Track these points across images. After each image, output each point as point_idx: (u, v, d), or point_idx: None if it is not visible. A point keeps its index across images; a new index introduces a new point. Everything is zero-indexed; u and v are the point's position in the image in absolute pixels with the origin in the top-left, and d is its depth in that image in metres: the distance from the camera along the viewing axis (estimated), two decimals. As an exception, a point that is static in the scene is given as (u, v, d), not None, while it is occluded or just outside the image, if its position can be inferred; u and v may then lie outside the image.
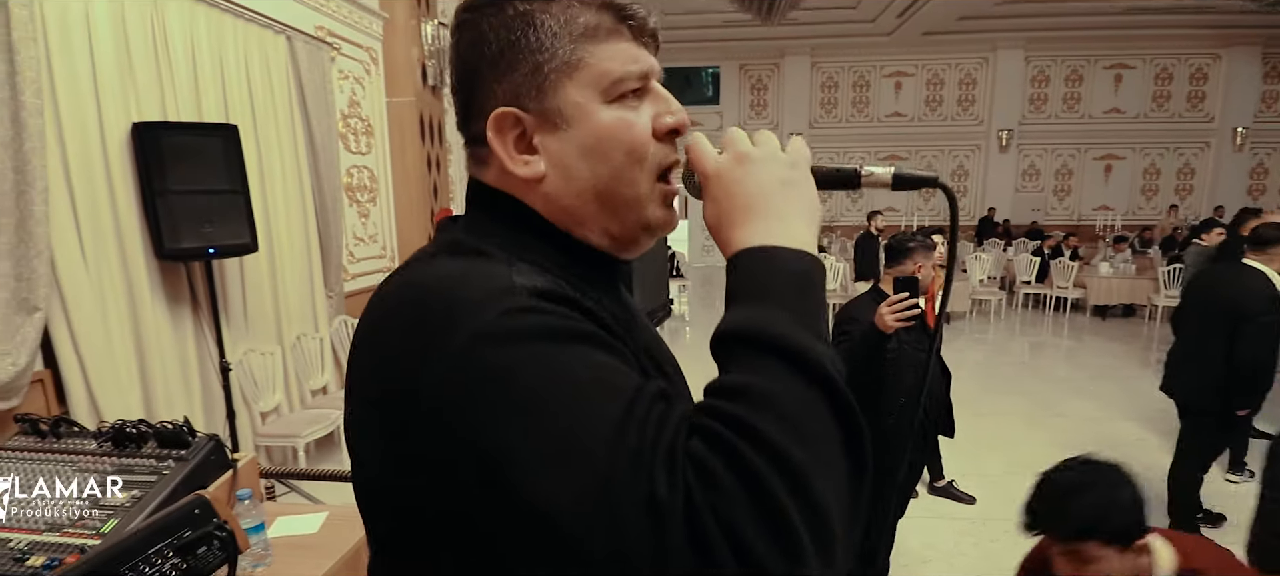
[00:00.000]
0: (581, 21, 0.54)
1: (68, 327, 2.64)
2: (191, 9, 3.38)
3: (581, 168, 0.54)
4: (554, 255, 0.55)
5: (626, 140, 0.54)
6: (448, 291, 0.46)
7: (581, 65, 0.53)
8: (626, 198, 0.56)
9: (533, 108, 0.54)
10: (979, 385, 5.77)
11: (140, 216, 3.03)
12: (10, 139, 2.38)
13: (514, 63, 0.54)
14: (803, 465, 0.37)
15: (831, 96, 13.58)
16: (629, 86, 0.54)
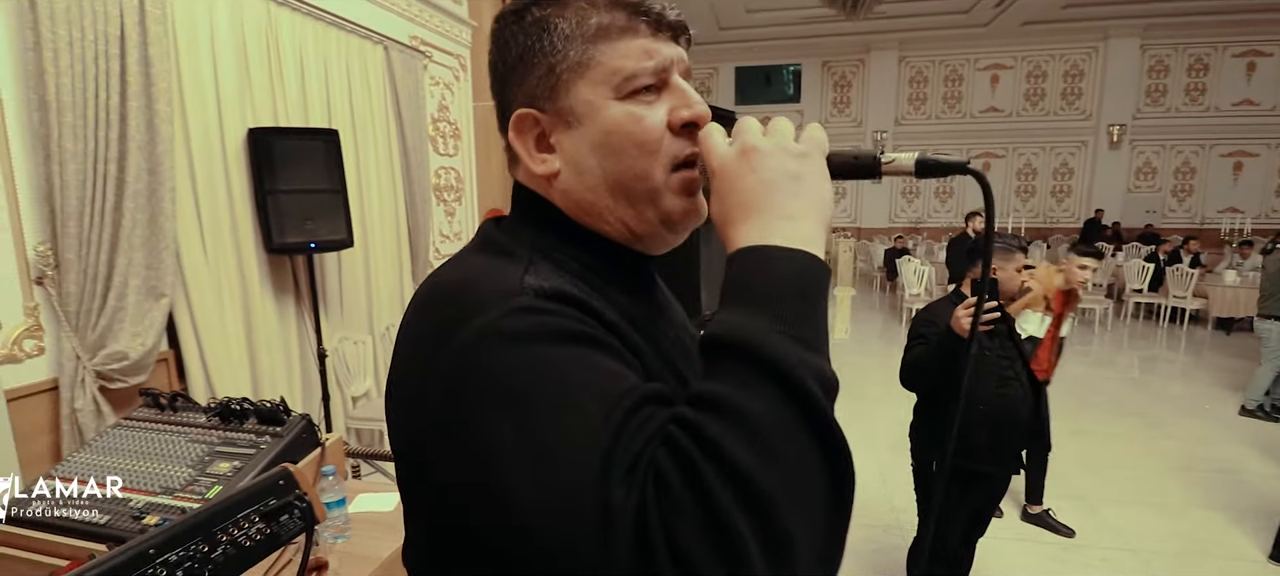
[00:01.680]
0: (593, 22, 0.55)
1: (189, 313, 2.93)
2: (301, 23, 3.66)
3: (592, 163, 0.56)
4: (575, 252, 0.57)
5: (636, 133, 0.55)
6: (461, 290, 0.50)
7: (593, 64, 0.55)
8: (640, 190, 0.56)
9: (548, 108, 0.56)
10: (1078, 401, 5.37)
11: (253, 213, 3.32)
12: (146, 143, 2.66)
13: (531, 66, 0.57)
14: (764, 484, 0.36)
15: (920, 92, 12.99)
16: (642, 82, 0.55)
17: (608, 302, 0.54)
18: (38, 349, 2.34)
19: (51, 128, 2.29)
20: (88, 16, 2.40)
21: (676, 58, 0.57)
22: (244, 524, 0.70)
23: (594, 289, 0.55)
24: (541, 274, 0.51)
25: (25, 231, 2.31)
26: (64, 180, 2.33)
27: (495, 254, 0.55)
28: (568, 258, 0.57)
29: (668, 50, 0.56)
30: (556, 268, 0.54)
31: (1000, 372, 2.10)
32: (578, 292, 0.50)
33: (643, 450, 0.39)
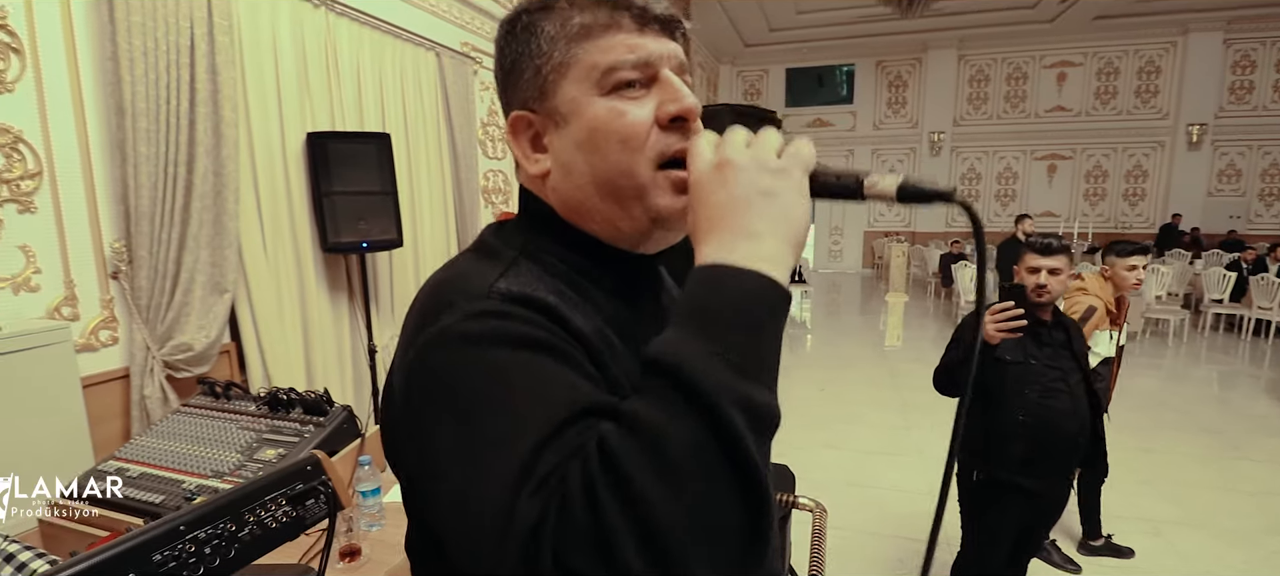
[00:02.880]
0: (576, 21, 0.55)
1: (249, 307, 3.09)
2: (358, 32, 3.81)
3: (578, 160, 0.56)
4: (564, 253, 0.58)
5: (618, 129, 0.54)
6: (437, 290, 0.52)
7: (575, 62, 0.55)
8: (626, 188, 0.55)
9: (538, 109, 0.58)
10: (1149, 417, 5.07)
11: (310, 214, 3.47)
12: (212, 147, 2.82)
13: (522, 70, 0.58)
14: (664, 516, 0.35)
15: (981, 91, 12.53)
16: (624, 76, 0.54)
17: (593, 307, 0.55)
18: (112, 339, 2.51)
19: (127, 132, 2.45)
20: (161, 28, 2.56)
21: (666, 53, 0.56)
22: (271, 506, 0.74)
23: (580, 292, 0.56)
24: (518, 277, 0.52)
25: (103, 229, 2.47)
26: (138, 181, 2.49)
27: (482, 256, 0.57)
28: (557, 259, 0.57)
29: (654, 44, 0.56)
30: (543, 271, 0.55)
31: (1046, 383, 1.99)
32: (548, 298, 0.50)
33: (560, 464, 0.39)
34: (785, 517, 2.29)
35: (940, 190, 0.50)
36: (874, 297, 10.93)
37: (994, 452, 2.04)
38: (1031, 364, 1.99)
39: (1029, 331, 1.99)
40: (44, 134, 2.29)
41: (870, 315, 9.52)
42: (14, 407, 2.00)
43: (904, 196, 0.50)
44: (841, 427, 4.79)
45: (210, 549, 0.65)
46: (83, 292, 2.42)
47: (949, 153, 12.78)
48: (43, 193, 2.29)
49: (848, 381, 6.07)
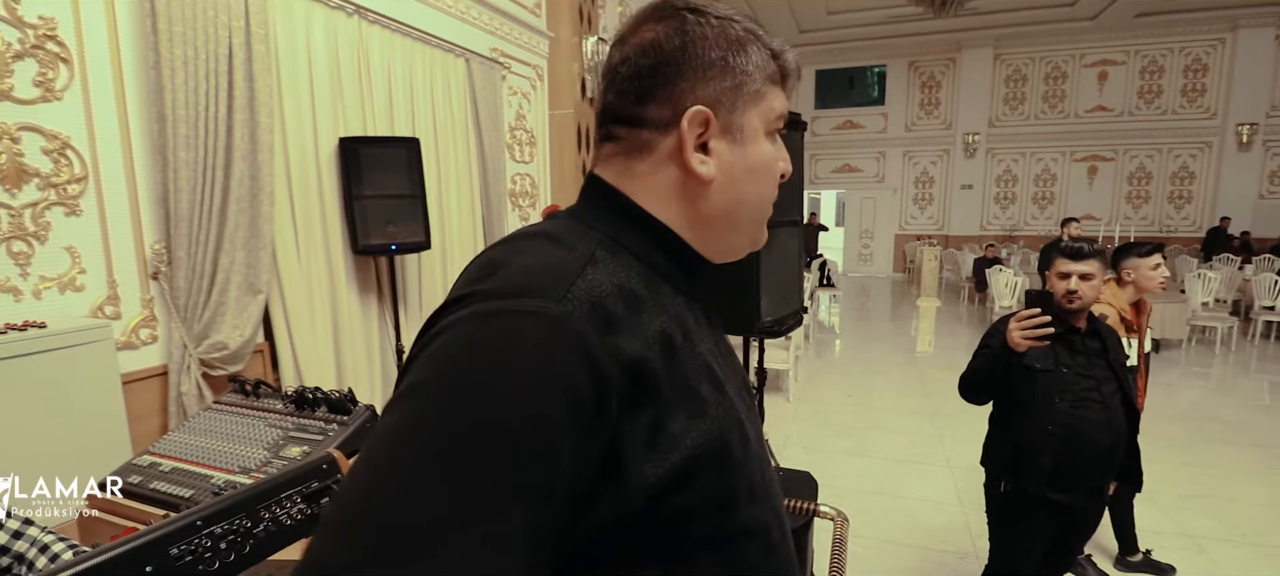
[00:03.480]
0: (771, 66, 0.63)
1: (282, 308, 3.17)
2: (389, 39, 3.90)
3: (745, 181, 0.63)
4: (645, 249, 0.60)
5: (774, 171, 0.65)
6: (509, 272, 0.51)
7: (764, 98, 0.63)
8: (758, 217, 0.66)
9: (723, 117, 0.61)
10: (1192, 428, 4.88)
11: (341, 217, 3.55)
12: (248, 152, 2.91)
13: (725, 73, 0.60)
14: None
15: (1017, 91, 12.23)
16: (778, 126, 0.65)
17: (660, 306, 0.56)
18: (151, 337, 2.60)
19: (168, 138, 2.54)
20: (201, 37, 2.65)
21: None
22: (286, 503, 0.76)
23: (651, 289, 0.57)
24: (593, 282, 0.51)
25: (144, 231, 2.57)
26: (177, 185, 2.58)
27: (553, 242, 0.56)
28: (635, 256, 0.59)
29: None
30: (618, 266, 0.55)
31: (1078, 392, 1.93)
32: (614, 319, 0.50)
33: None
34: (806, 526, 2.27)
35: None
36: (905, 302, 10.73)
37: (1022, 463, 1.98)
38: (1062, 372, 1.93)
39: (1061, 339, 1.93)
40: (90, 140, 2.39)
41: (901, 320, 9.35)
42: (58, 403, 2.08)
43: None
44: (868, 435, 4.72)
45: (226, 544, 0.67)
46: (124, 292, 2.51)
47: (984, 154, 12.50)
48: (88, 196, 2.39)
49: (876, 388, 5.97)
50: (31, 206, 2.23)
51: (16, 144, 2.18)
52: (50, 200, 2.28)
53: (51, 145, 2.27)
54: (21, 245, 2.21)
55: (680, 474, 0.50)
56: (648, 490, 0.48)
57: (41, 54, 2.24)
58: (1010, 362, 1.88)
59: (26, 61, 2.21)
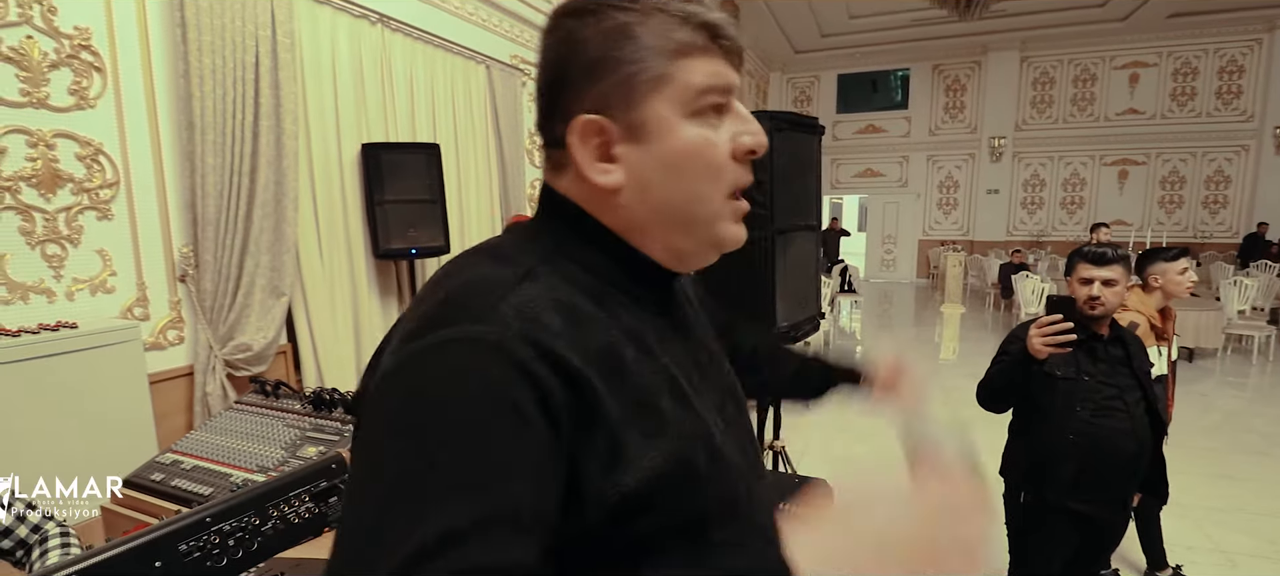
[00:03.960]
0: (677, 38, 0.54)
1: (305, 310, 3.23)
2: (412, 46, 3.96)
3: (660, 181, 0.55)
4: (591, 260, 0.56)
5: (706, 158, 0.55)
6: (448, 299, 0.49)
7: (671, 80, 0.54)
8: (700, 215, 0.56)
9: (619, 118, 0.54)
10: (1227, 440, 4.73)
11: (363, 221, 3.61)
12: (274, 158, 2.97)
13: (607, 72, 0.54)
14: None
15: (1045, 94, 12.01)
16: (712, 100, 0.55)
17: (611, 319, 0.53)
18: (178, 338, 2.67)
19: (196, 144, 2.61)
20: (229, 47, 2.72)
21: (737, 83, 0.58)
22: (294, 502, 0.77)
23: (600, 302, 0.53)
24: (524, 298, 0.49)
25: (172, 235, 2.64)
26: (205, 190, 2.65)
27: (496, 260, 0.53)
28: (581, 268, 0.55)
29: (733, 75, 0.57)
30: (561, 280, 0.52)
31: (1100, 400, 1.88)
32: (549, 331, 0.47)
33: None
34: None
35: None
36: (928, 309, 10.58)
37: (1042, 472, 1.94)
38: (1084, 380, 1.89)
39: (1083, 346, 1.89)
40: (122, 146, 2.46)
41: (924, 327, 9.22)
42: (88, 401, 2.15)
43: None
44: (889, 442, 4.64)
45: (233, 541, 0.68)
46: (153, 294, 2.58)
47: (1010, 158, 12.29)
48: (119, 201, 2.46)
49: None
50: (65, 210, 2.30)
51: (52, 150, 2.26)
52: (83, 205, 2.35)
53: (85, 151, 2.35)
54: (55, 248, 2.28)
55: (640, 496, 0.47)
56: (610, 512, 0.46)
57: (76, 63, 2.32)
58: (1030, 370, 1.84)
59: (62, 70, 2.28)
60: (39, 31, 2.22)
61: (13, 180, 2.16)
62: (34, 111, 2.21)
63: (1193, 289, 2.51)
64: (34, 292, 2.22)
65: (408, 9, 3.84)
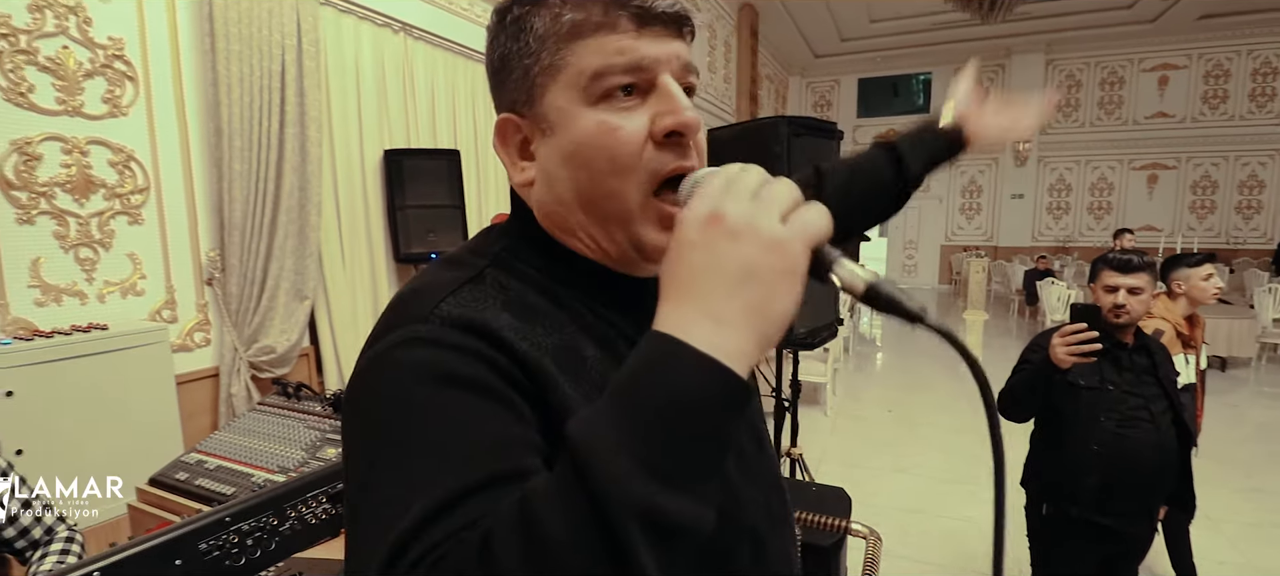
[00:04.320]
0: (567, 19, 0.50)
1: (327, 313, 3.29)
2: (432, 54, 4.01)
3: (562, 175, 0.52)
4: (543, 261, 0.55)
5: (607, 146, 0.49)
6: (395, 306, 0.50)
7: (564, 66, 0.50)
8: (611, 211, 0.51)
9: (527, 113, 0.53)
10: (1261, 452, 4.60)
11: (385, 226, 3.67)
12: (299, 164, 3.03)
13: (510, 69, 0.53)
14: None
15: (1072, 98, 11.80)
16: (613, 82, 0.49)
17: (567, 316, 0.51)
18: (205, 340, 2.73)
19: (224, 151, 2.67)
20: (256, 55, 2.78)
21: (666, 54, 0.50)
22: (312, 503, 0.79)
23: (554, 300, 0.52)
24: (468, 295, 0.49)
25: (200, 239, 2.70)
26: (232, 195, 2.71)
27: (452, 266, 0.53)
28: (533, 268, 0.54)
29: (652, 47, 0.50)
30: (514, 279, 0.52)
31: (1125, 410, 1.84)
32: (493, 320, 0.46)
33: (444, 541, 0.36)
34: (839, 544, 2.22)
35: (909, 310, 0.42)
36: (951, 315, 10.44)
37: (1066, 485, 1.91)
38: (1108, 389, 1.85)
39: (1107, 354, 1.85)
40: (152, 153, 2.53)
41: (946, 333, 9.09)
42: (117, 400, 2.20)
43: (872, 299, 0.42)
44: (910, 453, 4.59)
45: (252, 541, 0.70)
46: (181, 297, 2.65)
47: (1036, 163, 12.09)
48: (149, 206, 2.53)
49: (919, 404, 5.81)
50: (98, 215, 2.37)
51: (86, 157, 2.33)
52: (115, 209, 2.42)
53: (117, 158, 2.42)
54: (88, 252, 2.35)
55: None
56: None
57: (110, 72, 2.39)
58: (1052, 379, 1.81)
59: (96, 80, 2.35)
60: (74, 42, 2.29)
61: (48, 186, 2.23)
62: (69, 119, 2.28)
63: (1219, 295, 2.45)
64: (67, 295, 2.29)
65: (430, 17, 3.90)
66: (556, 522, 0.34)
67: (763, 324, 0.39)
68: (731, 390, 0.37)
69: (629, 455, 0.35)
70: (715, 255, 0.39)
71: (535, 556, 0.33)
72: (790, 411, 3.06)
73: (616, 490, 0.34)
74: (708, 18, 8.14)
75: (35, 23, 2.18)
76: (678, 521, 0.35)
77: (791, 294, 0.40)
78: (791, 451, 3.06)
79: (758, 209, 0.40)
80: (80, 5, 2.29)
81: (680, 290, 0.40)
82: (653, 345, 0.39)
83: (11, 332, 2.11)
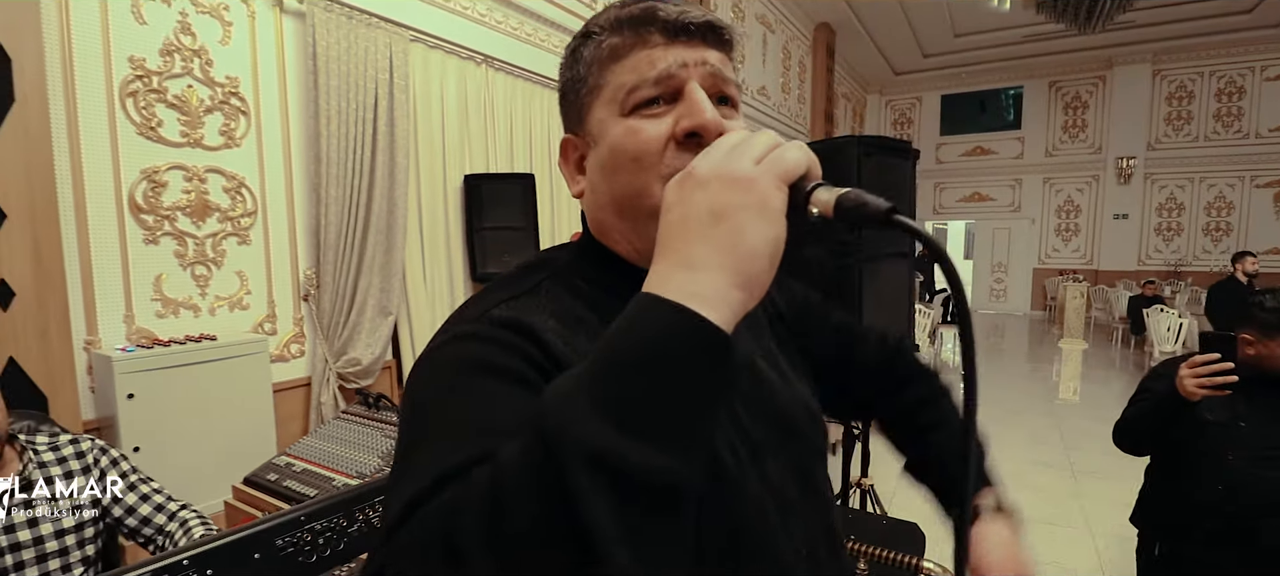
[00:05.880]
0: (607, 45, 0.56)
1: (409, 329, 3.47)
2: (511, 83, 4.20)
3: (601, 181, 0.57)
4: (596, 273, 0.60)
5: (630, 147, 0.53)
6: (456, 310, 0.57)
7: (604, 86, 0.56)
8: (639, 207, 0.54)
9: (580, 132, 0.59)
10: None
11: (464, 247, 3.85)
12: (387, 189, 3.24)
13: (567, 95, 0.60)
14: (477, 566, 0.33)
15: (1182, 110, 10.90)
16: (643, 93, 0.53)
17: (604, 326, 0.51)
18: (299, 352, 2.94)
19: (322, 177, 2.90)
20: (352, 89, 3.01)
21: (693, 62, 0.54)
22: (379, 507, 0.84)
23: (602, 314, 0.55)
24: (521, 304, 0.53)
25: (299, 258, 2.93)
26: (327, 219, 2.92)
27: (515, 277, 0.59)
28: (585, 281, 0.59)
29: (680, 54, 0.54)
30: (565, 292, 0.57)
31: (1258, 450, 1.67)
32: (538, 323, 0.51)
33: (452, 498, 0.37)
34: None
35: (877, 208, 0.41)
36: (1046, 343, 9.77)
37: (1184, 525, 1.75)
38: (1240, 426, 1.69)
39: (1241, 388, 1.69)
40: (260, 179, 2.77)
41: (1040, 363, 8.51)
42: (221, 404, 2.41)
43: (841, 213, 0.42)
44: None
45: (323, 540, 0.76)
46: (280, 311, 2.87)
47: (1141, 180, 11.20)
48: (256, 228, 2.77)
49: (1007, 437, 5.46)
50: (212, 236, 2.62)
51: (204, 184, 2.58)
52: (227, 231, 2.66)
53: (230, 184, 2.67)
54: (203, 269, 2.59)
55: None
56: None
57: (226, 107, 2.65)
58: (1178, 412, 1.67)
59: (215, 114, 2.61)
60: (197, 81, 2.55)
61: (171, 210, 2.49)
62: (191, 150, 2.54)
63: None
64: (183, 308, 2.54)
65: (509, 48, 4.09)
66: (515, 468, 0.34)
67: (735, 260, 0.39)
68: (699, 336, 0.36)
69: (586, 398, 0.35)
70: (687, 207, 0.41)
71: (495, 498, 0.34)
72: (861, 439, 2.96)
73: (567, 425, 0.34)
74: (782, 38, 8.10)
75: (165, 65, 2.45)
76: (634, 470, 0.33)
77: (764, 227, 0.40)
78: (862, 482, 2.95)
79: (728, 157, 0.42)
80: (203, 48, 2.56)
81: (661, 248, 0.42)
82: (634, 303, 0.39)
83: (135, 341, 2.36)
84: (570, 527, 0.32)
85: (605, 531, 0.32)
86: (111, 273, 2.33)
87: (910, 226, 0.41)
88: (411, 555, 0.36)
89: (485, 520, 0.34)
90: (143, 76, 2.39)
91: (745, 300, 0.39)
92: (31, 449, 1.27)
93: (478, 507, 0.34)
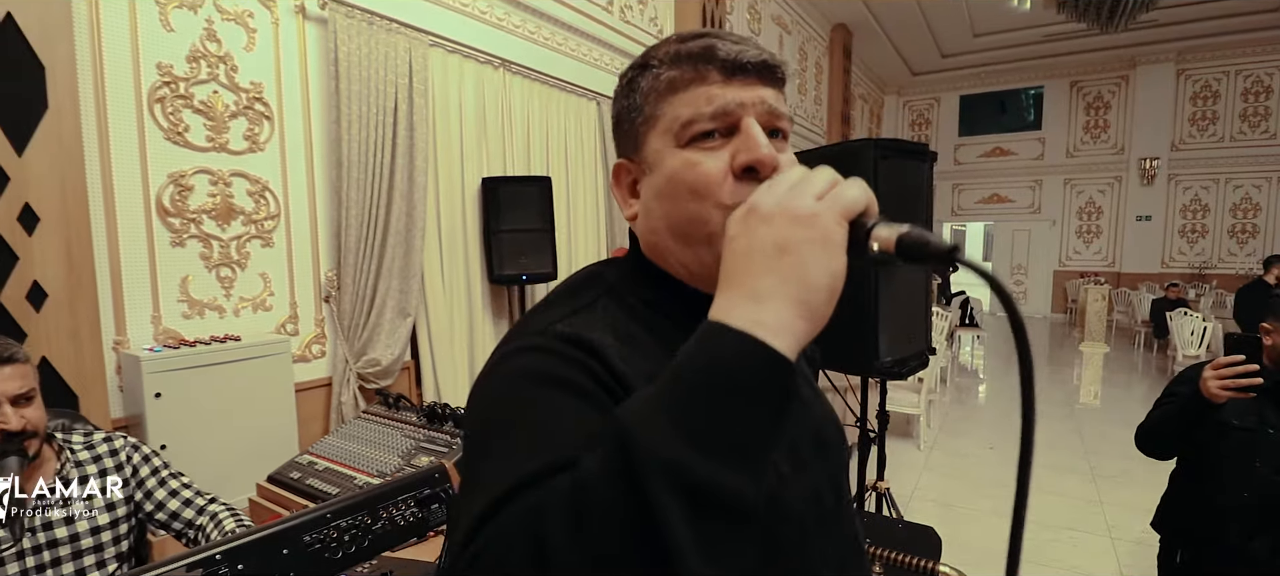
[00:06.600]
0: (665, 77, 0.58)
1: (427, 330, 3.51)
2: (529, 87, 4.24)
3: (656, 207, 0.60)
4: (648, 292, 0.62)
5: (689, 180, 0.56)
6: (520, 322, 0.60)
7: (661, 117, 0.58)
8: (698, 234, 0.57)
9: (635, 158, 0.62)
10: None
11: (481, 249, 3.88)
12: (406, 192, 3.28)
13: (623, 123, 0.63)
14: (561, 569, 0.36)
15: (1207, 110, 10.70)
16: (700, 127, 0.56)
17: (666, 348, 0.54)
18: (320, 352, 3.00)
19: (342, 182, 2.95)
20: (373, 94, 3.06)
21: (750, 100, 0.57)
22: (401, 505, 0.87)
23: (656, 333, 0.58)
24: (582, 319, 0.56)
25: (320, 261, 2.98)
26: (348, 222, 2.97)
27: (572, 292, 0.61)
28: (640, 300, 0.61)
29: (737, 93, 0.56)
30: (620, 310, 0.59)
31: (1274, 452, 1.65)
32: (600, 339, 0.53)
33: (528, 506, 0.40)
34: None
35: (940, 248, 0.44)
36: (1066, 347, 9.63)
37: (1206, 532, 1.73)
38: (1268, 432, 1.67)
39: (1268, 392, 1.67)
40: (283, 183, 2.83)
41: (1060, 367, 8.40)
42: (245, 403, 2.46)
43: (903, 251, 0.44)
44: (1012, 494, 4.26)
45: (349, 537, 0.78)
46: (302, 312, 2.93)
47: (1165, 181, 11.01)
48: (279, 230, 2.82)
49: (1025, 440, 5.39)
50: (236, 239, 2.67)
51: (228, 188, 2.64)
52: (251, 234, 2.72)
53: (254, 188, 2.72)
54: (227, 271, 2.65)
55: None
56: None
57: (251, 113, 2.70)
58: (1202, 415, 1.66)
59: (240, 119, 2.67)
60: (223, 87, 2.61)
61: (197, 213, 2.55)
62: (216, 154, 2.60)
63: None
64: (208, 309, 2.59)
65: (527, 53, 4.13)
66: (597, 476, 0.37)
67: (799, 291, 0.41)
68: (768, 363, 0.39)
69: (665, 416, 0.37)
70: (752, 239, 0.44)
71: (579, 503, 0.36)
72: (877, 442, 2.94)
73: (647, 441, 0.36)
74: (799, 40, 8.08)
75: (192, 71, 2.51)
76: (721, 493, 0.36)
77: (827, 261, 0.42)
78: (878, 485, 2.94)
79: (791, 193, 0.45)
80: (228, 55, 2.61)
81: (725, 279, 0.44)
82: (702, 331, 0.42)
83: (162, 342, 2.42)
84: (648, 534, 0.35)
85: (679, 539, 0.34)
86: (140, 274, 2.40)
87: (975, 266, 0.44)
88: (494, 554, 0.38)
89: (569, 524, 0.36)
90: (170, 83, 2.45)
91: (808, 330, 0.42)
92: (68, 448, 1.32)
93: (562, 512, 0.37)
